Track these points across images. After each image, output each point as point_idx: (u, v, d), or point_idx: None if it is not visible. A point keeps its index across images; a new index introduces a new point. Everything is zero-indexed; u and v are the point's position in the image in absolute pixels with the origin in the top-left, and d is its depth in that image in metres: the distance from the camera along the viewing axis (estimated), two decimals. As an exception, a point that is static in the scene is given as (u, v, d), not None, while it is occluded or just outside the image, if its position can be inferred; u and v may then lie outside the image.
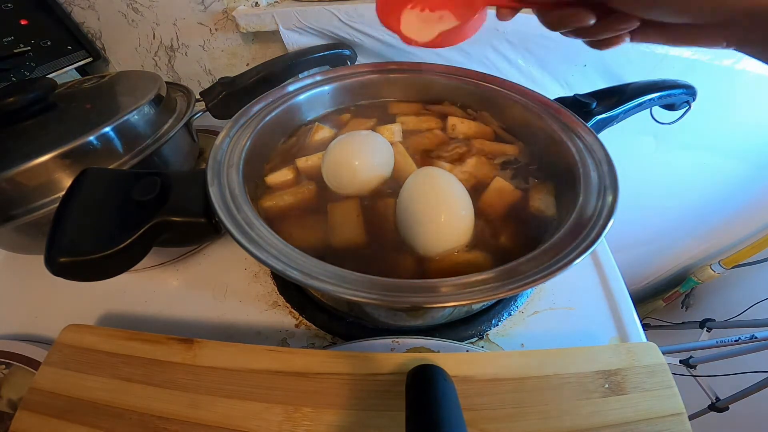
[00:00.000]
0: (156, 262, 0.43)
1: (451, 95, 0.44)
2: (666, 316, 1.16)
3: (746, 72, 0.52)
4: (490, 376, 0.28)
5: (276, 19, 0.55)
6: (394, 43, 0.56)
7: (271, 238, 0.24)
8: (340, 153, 0.33)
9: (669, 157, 0.71)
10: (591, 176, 0.29)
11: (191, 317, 0.39)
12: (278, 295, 0.40)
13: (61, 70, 0.58)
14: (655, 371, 0.29)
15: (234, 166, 0.30)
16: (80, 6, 0.61)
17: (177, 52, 0.67)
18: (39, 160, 0.32)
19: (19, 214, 0.32)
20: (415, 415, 0.21)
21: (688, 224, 0.89)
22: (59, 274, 0.23)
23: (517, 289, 0.22)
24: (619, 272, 0.41)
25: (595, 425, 0.26)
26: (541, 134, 0.36)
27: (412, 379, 0.24)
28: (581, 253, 0.23)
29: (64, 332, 0.32)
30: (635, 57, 0.53)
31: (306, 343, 0.36)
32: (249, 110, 0.35)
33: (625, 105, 0.40)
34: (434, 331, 0.35)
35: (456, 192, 0.29)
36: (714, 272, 0.98)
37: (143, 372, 0.29)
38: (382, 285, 0.22)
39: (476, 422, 0.26)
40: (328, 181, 0.33)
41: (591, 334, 0.36)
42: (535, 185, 0.34)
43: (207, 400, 0.27)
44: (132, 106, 0.38)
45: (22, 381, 0.34)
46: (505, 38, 0.54)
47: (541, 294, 0.39)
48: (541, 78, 0.59)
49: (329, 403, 0.27)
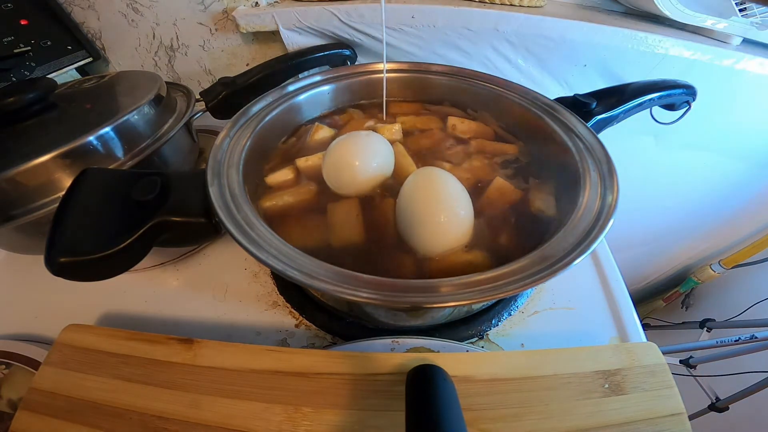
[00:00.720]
0: (156, 262, 0.43)
1: (451, 95, 0.44)
2: (666, 316, 1.16)
3: (746, 72, 0.52)
4: (490, 376, 0.28)
5: (276, 19, 0.55)
6: (394, 43, 0.56)
7: (271, 238, 0.24)
8: (341, 153, 0.33)
9: (669, 157, 0.71)
10: (591, 176, 0.29)
11: (191, 317, 0.39)
12: (278, 295, 0.40)
13: (61, 70, 0.58)
14: (655, 371, 0.29)
15: (234, 166, 0.30)
16: (80, 6, 0.61)
17: (177, 52, 0.67)
18: (39, 160, 0.32)
19: (19, 214, 0.32)
20: (415, 415, 0.21)
21: (688, 224, 0.88)
22: (59, 274, 0.23)
23: (517, 289, 0.22)
24: (619, 272, 0.41)
25: (595, 425, 0.26)
26: (541, 134, 0.36)
27: (412, 379, 0.24)
28: (581, 253, 0.23)
29: (64, 332, 0.32)
30: (635, 57, 0.53)
31: (306, 343, 0.36)
32: (249, 110, 0.35)
33: (625, 105, 0.40)
34: (434, 331, 0.35)
35: (456, 192, 0.29)
36: (714, 272, 0.98)
37: (143, 372, 0.29)
38: (382, 285, 0.22)
39: (476, 422, 0.26)
40: (328, 181, 0.33)
41: (591, 334, 0.36)
42: (535, 185, 0.34)
43: (207, 400, 0.27)
44: (132, 106, 0.38)
45: (22, 381, 0.34)
46: (505, 38, 0.54)
47: (541, 294, 0.39)
48: (541, 78, 0.59)
49: (329, 403, 0.27)
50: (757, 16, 0.49)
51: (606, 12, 0.60)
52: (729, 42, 0.52)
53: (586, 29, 0.51)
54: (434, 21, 0.53)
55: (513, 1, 0.53)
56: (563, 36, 0.52)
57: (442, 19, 0.53)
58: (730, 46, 0.52)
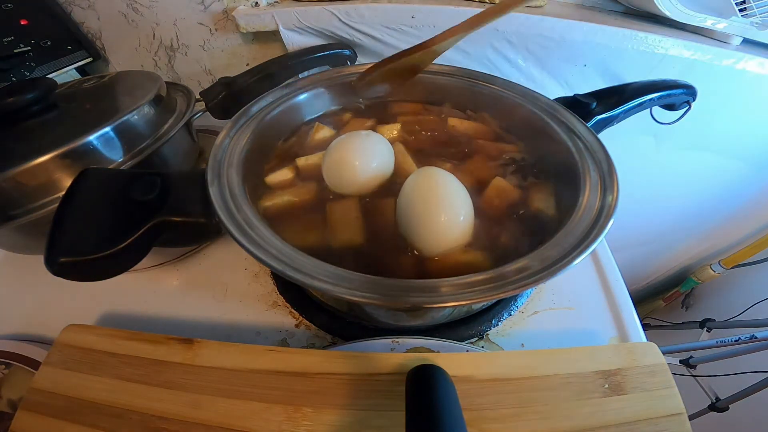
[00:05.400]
0: (156, 262, 0.43)
1: (451, 95, 0.44)
2: (666, 316, 1.16)
3: (746, 72, 0.52)
4: (490, 376, 0.28)
5: (276, 19, 0.55)
6: (394, 43, 0.56)
7: (271, 238, 0.24)
8: (341, 153, 0.33)
9: (669, 157, 0.71)
10: (591, 176, 0.29)
11: (191, 317, 0.39)
12: (278, 295, 0.40)
13: (61, 70, 0.58)
14: (655, 371, 0.29)
15: (234, 166, 0.30)
16: (80, 6, 0.61)
17: (177, 52, 0.67)
18: (39, 160, 0.32)
19: (19, 214, 0.32)
20: (415, 415, 0.21)
21: (688, 224, 0.88)
22: (59, 274, 0.23)
23: (517, 289, 0.22)
24: (619, 272, 0.41)
25: (595, 425, 0.26)
26: (541, 134, 0.36)
27: (412, 379, 0.24)
28: (581, 253, 0.23)
29: (64, 332, 0.32)
30: (635, 57, 0.53)
31: (306, 343, 0.36)
32: (249, 110, 0.35)
33: (625, 105, 0.40)
34: (434, 331, 0.35)
35: (456, 192, 0.29)
36: (714, 272, 0.98)
37: (143, 372, 0.29)
38: (382, 285, 0.22)
39: (476, 422, 0.26)
40: (328, 181, 0.33)
41: (591, 334, 0.36)
42: (535, 185, 0.34)
43: (207, 400, 0.27)
44: (132, 106, 0.38)
45: (22, 381, 0.34)
46: (505, 38, 0.54)
47: (541, 294, 0.39)
48: (541, 78, 0.59)
49: (329, 403, 0.27)
50: (757, 16, 0.49)
51: (606, 12, 0.60)
52: (729, 42, 0.52)
53: (586, 29, 0.51)
54: (434, 21, 0.53)
55: (513, 1, 0.53)
56: (563, 36, 0.52)
57: (442, 19, 0.53)
58: (730, 46, 0.52)
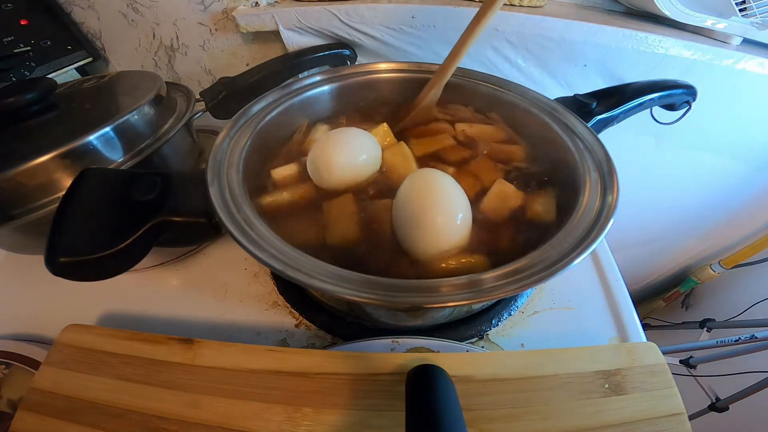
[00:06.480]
0: (156, 262, 0.43)
1: (451, 95, 0.44)
2: (666, 316, 1.16)
3: (746, 72, 0.52)
4: (490, 376, 0.28)
5: (276, 19, 0.55)
6: (394, 43, 0.56)
7: (271, 238, 0.24)
8: (320, 147, 0.33)
9: (669, 157, 0.71)
10: (591, 176, 0.29)
11: (191, 317, 0.39)
12: (278, 295, 0.40)
13: (61, 70, 0.58)
14: (655, 371, 0.29)
15: (234, 166, 0.30)
16: (80, 6, 0.61)
17: (177, 52, 0.67)
18: (39, 160, 0.32)
19: (19, 214, 0.32)
20: (415, 415, 0.21)
21: (688, 224, 0.88)
22: (59, 274, 0.23)
23: (517, 289, 0.22)
24: (619, 272, 0.41)
25: (595, 425, 0.26)
26: (542, 135, 0.36)
27: (412, 379, 0.24)
28: (581, 253, 0.23)
29: (64, 332, 0.32)
30: (635, 57, 0.53)
31: (306, 343, 0.36)
32: (249, 110, 0.35)
33: (625, 105, 0.40)
34: (434, 331, 0.35)
35: (453, 194, 0.29)
36: (714, 272, 0.98)
37: (143, 372, 0.29)
38: (382, 285, 0.22)
39: (476, 422, 0.26)
40: (311, 174, 0.34)
41: (591, 334, 0.36)
42: (534, 185, 0.34)
43: (207, 400, 0.27)
44: (132, 106, 0.38)
45: (22, 381, 0.34)
46: (505, 38, 0.54)
47: (541, 294, 0.39)
48: (541, 78, 0.59)
49: (329, 403, 0.27)
50: (757, 16, 0.48)
51: (606, 12, 0.60)
52: (729, 42, 0.52)
53: (586, 29, 0.51)
54: (434, 21, 0.53)
55: (513, 1, 0.53)
56: (563, 36, 0.52)
57: (442, 19, 0.53)
58: (730, 46, 0.52)
